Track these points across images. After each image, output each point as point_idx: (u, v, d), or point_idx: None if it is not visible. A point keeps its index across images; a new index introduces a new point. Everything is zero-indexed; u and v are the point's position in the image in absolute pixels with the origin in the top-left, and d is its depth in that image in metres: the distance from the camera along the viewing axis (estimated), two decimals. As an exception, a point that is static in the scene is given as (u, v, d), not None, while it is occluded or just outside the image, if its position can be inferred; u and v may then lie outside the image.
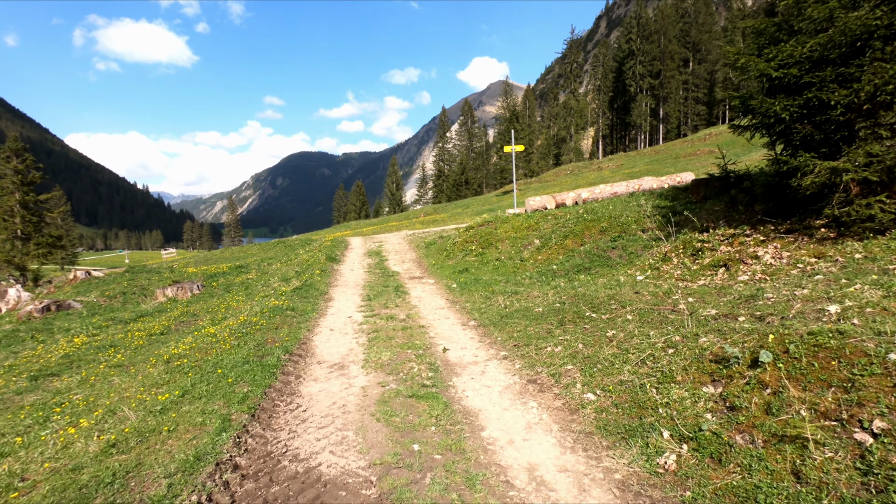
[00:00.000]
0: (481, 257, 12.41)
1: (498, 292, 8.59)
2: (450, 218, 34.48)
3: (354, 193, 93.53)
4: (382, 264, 13.84)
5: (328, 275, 11.96)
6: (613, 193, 14.91)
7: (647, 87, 73.84)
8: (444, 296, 9.22)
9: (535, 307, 7.09)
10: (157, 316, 11.78)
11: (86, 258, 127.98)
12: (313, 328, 6.87)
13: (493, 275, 10.80)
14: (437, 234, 18.58)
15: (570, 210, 13.30)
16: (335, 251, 16.66)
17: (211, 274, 17.92)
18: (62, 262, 78.40)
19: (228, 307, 11.17)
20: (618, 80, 79.60)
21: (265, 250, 25.89)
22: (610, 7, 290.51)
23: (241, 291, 13.27)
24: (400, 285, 10.37)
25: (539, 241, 12.03)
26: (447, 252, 13.83)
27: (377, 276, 11.92)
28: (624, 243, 9.67)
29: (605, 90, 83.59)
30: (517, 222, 13.59)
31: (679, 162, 42.70)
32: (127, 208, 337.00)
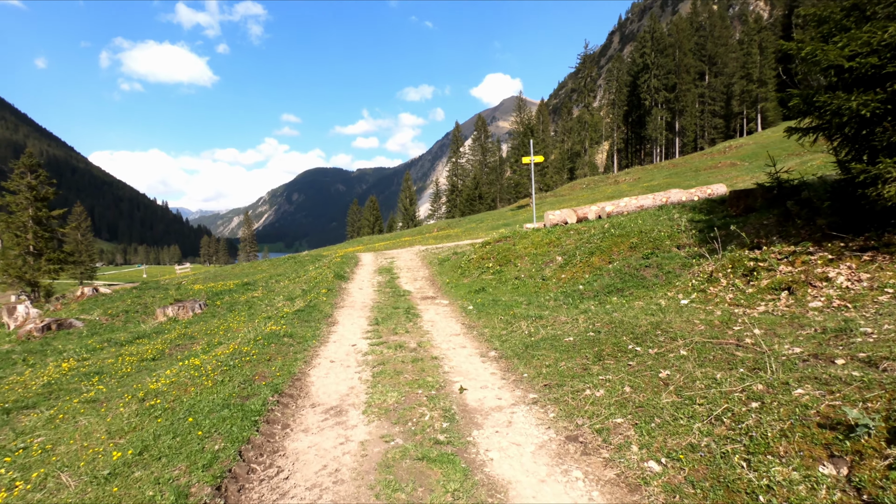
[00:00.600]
0: (499, 275, 11.51)
1: (520, 316, 7.67)
2: (464, 233, 33.69)
3: (368, 209, 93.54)
4: (393, 283, 13.01)
5: (335, 294, 11.17)
6: (640, 207, 13.95)
7: (662, 101, 72.95)
8: (460, 319, 8.33)
9: (565, 335, 6.16)
10: (154, 338, 11.08)
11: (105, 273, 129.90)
12: (311, 359, 6.02)
13: (512, 295, 9.88)
14: (451, 250, 17.74)
15: (595, 224, 12.37)
16: (344, 268, 15.91)
17: (217, 291, 17.30)
18: (81, 276, 79.63)
19: (228, 329, 10.43)
20: (632, 93, 78.92)
21: (275, 266, 25.29)
22: (623, 22, 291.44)
23: (244, 311, 12.54)
24: (411, 307, 9.51)
25: (562, 258, 11.10)
26: (462, 269, 12.96)
27: (387, 295, 11.08)
28: (659, 261, 8.71)
29: (619, 104, 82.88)
30: (537, 238, 12.69)
31: (700, 175, 41.51)
32: (147, 224, 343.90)
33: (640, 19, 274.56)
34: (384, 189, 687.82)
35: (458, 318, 8.40)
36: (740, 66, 70.26)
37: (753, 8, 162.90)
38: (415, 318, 8.47)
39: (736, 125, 74.15)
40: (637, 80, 76.30)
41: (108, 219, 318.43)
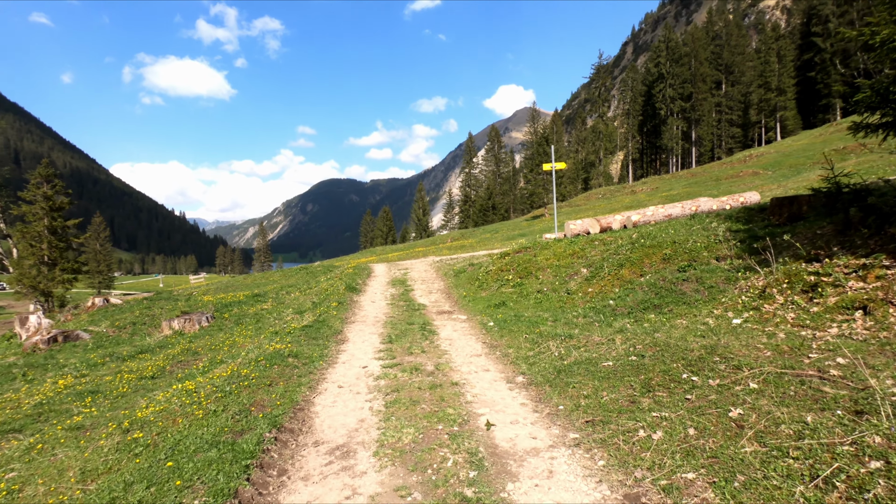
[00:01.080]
0: (520, 289, 10.80)
1: (547, 335, 6.96)
2: (478, 243, 33.02)
3: (381, 219, 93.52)
4: (407, 295, 12.38)
5: (346, 308, 10.56)
6: (668, 216, 13.16)
7: (677, 110, 71.88)
8: (480, 337, 7.64)
9: (602, 359, 5.44)
10: (157, 353, 10.58)
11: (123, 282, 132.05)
12: (317, 384, 5.39)
13: (535, 310, 9.16)
14: (467, 262, 17.09)
15: (621, 235, 11.62)
16: (356, 279, 15.34)
17: (226, 303, 16.85)
18: (99, 286, 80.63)
19: (233, 344, 9.88)
20: (647, 103, 77.98)
21: (287, 277, 24.89)
22: (636, 33, 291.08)
23: (252, 325, 12.01)
24: (427, 322, 8.85)
25: (587, 270, 10.36)
26: (480, 282, 12.28)
27: (401, 309, 10.44)
28: (698, 274, 7.93)
29: (634, 114, 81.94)
30: (559, 248, 11.97)
31: (721, 184, 40.40)
32: (164, 234, 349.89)
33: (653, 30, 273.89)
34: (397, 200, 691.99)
35: (478, 336, 7.71)
36: (757, 74, 69.01)
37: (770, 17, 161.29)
38: (431, 335, 7.81)
39: (753, 134, 72.67)
40: (652, 89, 75.37)
41: (127, 229, 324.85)
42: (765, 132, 70.75)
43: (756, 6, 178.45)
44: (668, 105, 72.26)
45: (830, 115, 63.29)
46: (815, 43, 63.85)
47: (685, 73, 70.89)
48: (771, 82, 66.12)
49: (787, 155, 46.91)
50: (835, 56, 61.12)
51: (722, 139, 74.16)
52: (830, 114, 63.44)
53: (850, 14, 59.74)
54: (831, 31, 61.22)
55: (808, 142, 50.92)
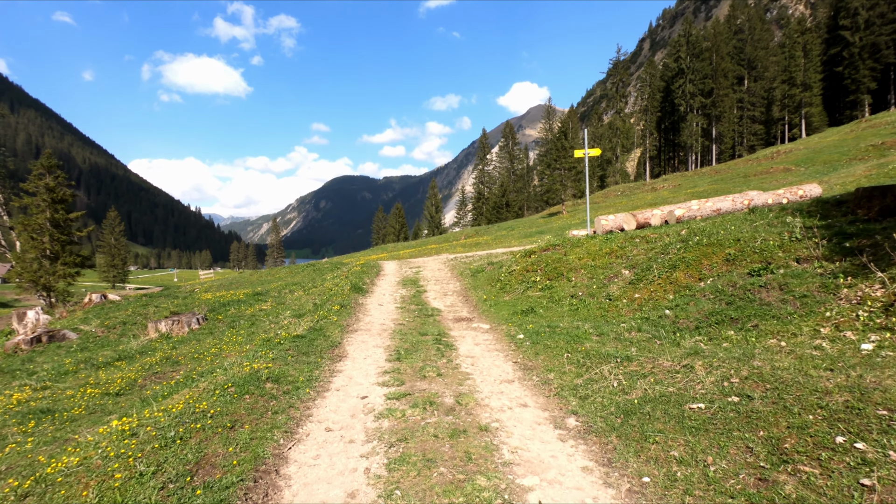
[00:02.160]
0: (549, 292, 9.31)
1: (596, 355, 5.48)
2: (494, 241, 31.48)
3: (394, 216, 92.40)
4: (419, 298, 10.96)
5: (348, 312, 9.17)
6: (716, 210, 11.54)
7: (697, 107, 69.34)
8: (510, 354, 6.19)
9: (686, 397, 3.95)
10: (136, 360, 9.33)
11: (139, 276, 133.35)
12: (298, 425, 3.99)
13: (572, 320, 7.68)
14: (484, 260, 15.62)
15: (666, 231, 10.05)
16: (364, 279, 13.97)
17: (224, 302, 15.63)
18: (113, 280, 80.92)
19: (218, 353, 8.57)
20: (666, 99, 75.49)
21: (293, 274, 23.65)
22: (653, 29, 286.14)
23: (245, 328, 10.71)
24: (442, 332, 7.42)
25: (630, 271, 8.83)
26: (502, 283, 10.81)
27: (412, 315, 9.02)
28: (779, 280, 6.38)
29: (652, 110, 79.46)
30: (593, 246, 10.44)
31: (750, 181, 38.34)
32: (180, 229, 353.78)
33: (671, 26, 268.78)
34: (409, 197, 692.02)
35: (506, 353, 6.26)
36: (781, 69, 66.12)
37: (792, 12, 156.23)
38: (448, 350, 6.37)
39: (776, 131, 69.86)
40: (671, 85, 72.88)
41: (144, 224, 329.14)
42: (788, 129, 67.93)
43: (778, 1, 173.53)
44: (687, 101, 69.76)
45: (858, 111, 60.42)
46: (842, 37, 60.94)
47: (706, 69, 68.32)
48: (796, 77, 63.24)
49: (818, 151, 44.63)
50: (863, 50, 58.21)
51: (743, 136, 71.53)
52: (858, 110, 60.57)
53: (881, 6, 56.81)
54: (860, 24, 58.32)
55: (838, 138, 48.49)
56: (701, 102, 69.18)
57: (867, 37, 57.85)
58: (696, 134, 69.87)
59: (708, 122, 70.43)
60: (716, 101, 68.58)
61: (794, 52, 63.94)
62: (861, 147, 39.94)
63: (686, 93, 69.30)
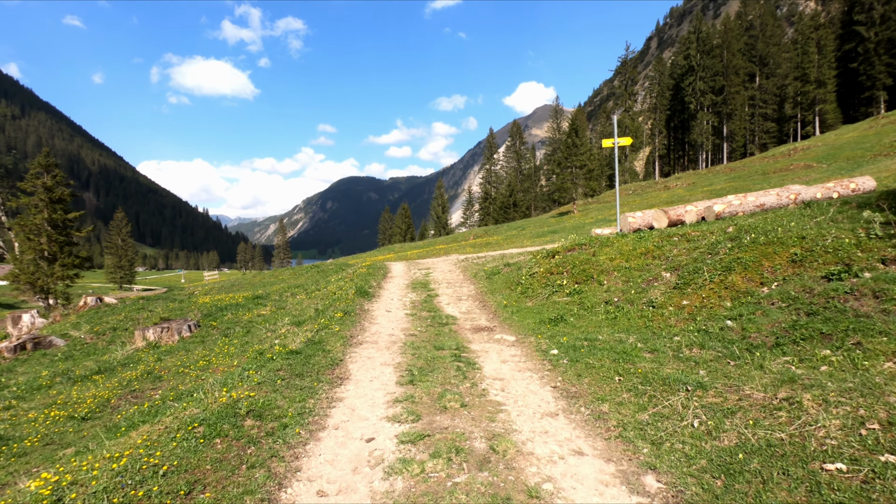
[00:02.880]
0: (579, 297, 8.23)
1: (655, 379, 4.41)
2: (504, 241, 30.37)
3: (400, 216, 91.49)
4: (431, 303, 9.92)
5: (352, 321, 8.14)
6: (759, 206, 10.40)
7: (708, 104, 67.80)
8: (545, 375, 5.12)
9: (810, 450, 2.89)
10: (117, 373, 8.36)
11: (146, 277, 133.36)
12: (280, 487, 2.96)
13: (611, 330, 6.60)
14: (500, 261, 14.56)
15: (708, 229, 8.94)
16: (370, 281, 12.95)
17: (222, 306, 14.69)
18: (120, 281, 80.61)
19: (208, 365, 7.59)
20: (675, 97, 73.93)
21: (296, 276, 22.73)
22: (661, 28, 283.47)
23: (239, 337, 9.72)
24: (461, 346, 6.36)
25: (672, 274, 7.74)
26: (523, 287, 9.73)
27: (424, 324, 7.97)
28: (871, 285, 5.27)
29: (661, 108, 77.92)
30: (625, 246, 9.34)
31: (770, 178, 36.99)
32: (188, 230, 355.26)
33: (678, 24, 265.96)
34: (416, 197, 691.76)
35: (540, 373, 5.19)
36: (794, 66, 64.36)
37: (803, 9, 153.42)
38: (470, 369, 5.32)
39: (788, 129, 68.15)
40: (681, 83, 71.35)
41: (152, 225, 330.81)
42: (801, 127, 66.20)
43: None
44: (697, 99, 68.26)
45: (874, 108, 58.65)
46: (857, 32, 59.20)
47: (717, 66, 66.78)
48: (810, 74, 61.47)
49: (838, 148, 43.19)
50: (879, 46, 56.46)
51: (755, 134, 69.96)
52: (874, 107, 58.79)
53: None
54: (876, 19, 56.59)
55: (857, 134, 46.97)
56: (711, 100, 67.74)
57: (883, 32, 56.15)
58: (707, 132, 68.32)
59: (719, 121, 68.83)
60: (727, 98, 67.10)
61: (808, 48, 62.19)
62: (885, 143, 38.52)
63: (696, 90, 67.80)
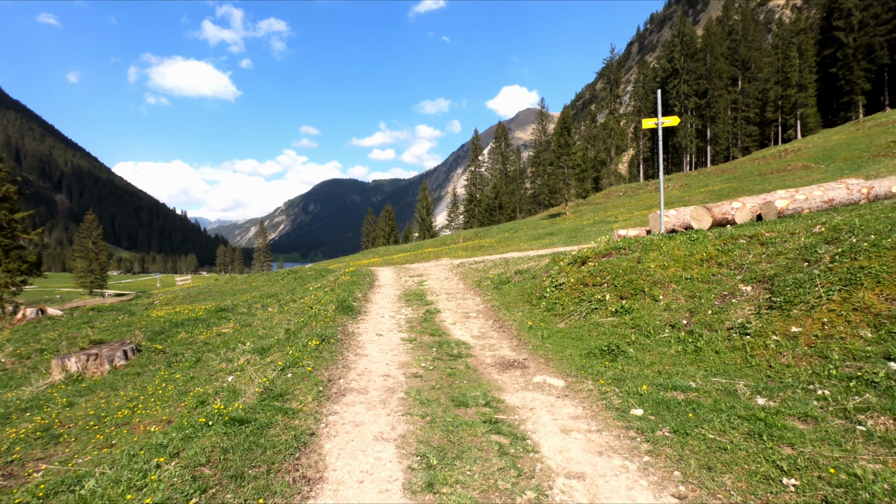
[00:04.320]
0: (630, 318, 6.28)
1: (849, 485, 2.50)
2: (498, 244, 28.44)
3: (384, 218, 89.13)
4: (432, 322, 7.86)
5: (332, 353, 6.01)
6: (829, 201, 8.65)
7: (692, 107, 67.55)
8: (648, 465, 3.13)
9: None
10: (7, 422, 6.10)
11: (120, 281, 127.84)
12: None
13: (699, 370, 4.66)
14: (504, 267, 12.57)
15: (787, 228, 7.08)
16: (354, 292, 10.82)
17: (180, 321, 12.39)
18: (91, 285, 76.38)
19: (131, 416, 5.44)
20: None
21: (270, 282, 20.39)
22: (641, 33, 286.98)
23: (185, 368, 7.54)
24: (491, 399, 4.33)
25: (755, 287, 5.85)
26: (548, 302, 7.75)
27: (429, 356, 5.92)
28: None
29: (645, 111, 77.53)
30: (676, 250, 7.43)
31: (769, 178, 35.99)
32: (165, 233, 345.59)
33: (659, 29, 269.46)
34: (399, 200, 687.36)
35: (637, 460, 3.20)
36: (775, 70, 64.47)
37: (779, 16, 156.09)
38: (520, 450, 3.29)
39: (770, 133, 68.25)
40: (665, 85, 71.15)
41: (128, 228, 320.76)
42: (782, 131, 66.32)
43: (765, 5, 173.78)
44: (682, 102, 68.17)
45: (853, 112, 59.00)
46: (836, 38, 59.46)
47: (700, 69, 66.78)
48: (791, 78, 61.48)
49: (830, 149, 42.70)
50: (858, 51, 56.70)
51: (738, 138, 70.09)
52: (852, 111, 59.16)
53: (875, 7, 55.27)
54: (854, 25, 56.83)
55: (845, 137, 46.65)
56: (695, 103, 67.63)
57: (861, 38, 56.44)
58: (691, 135, 68.02)
59: (703, 124, 68.58)
60: (710, 101, 67.05)
61: (790, 53, 62.20)
62: (880, 144, 38.08)
63: (681, 93, 67.60)
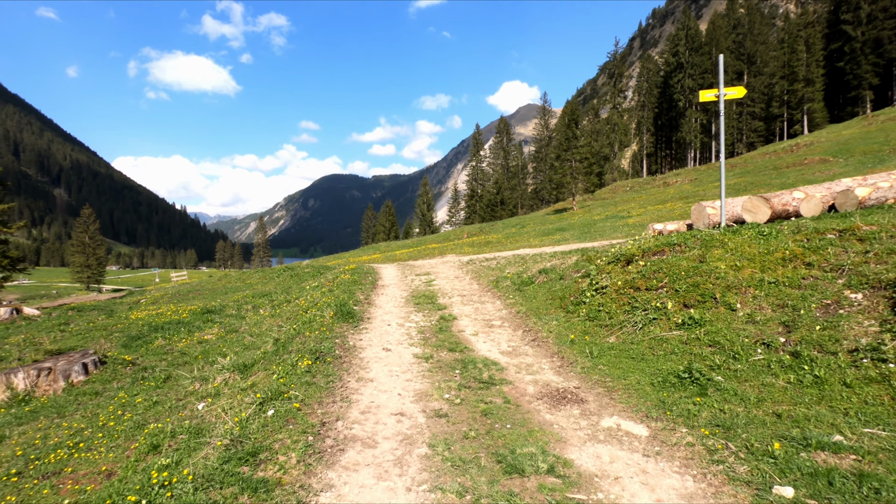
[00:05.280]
0: (702, 332, 4.98)
1: None
2: (506, 239, 27.06)
3: (384, 214, 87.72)
4: (449, 332, 6.56)
5: (328, 378, 4.69)
6: (916, 190, 7.35)
7: (697, 102, 66.07)
8: None
9: None
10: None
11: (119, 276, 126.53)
12: None
13: (835, 415, 3.37)
14: (521, 265, 11.24)
15: (892, 220, 5.78)
16: (355, 294, 9.51)
17: (160, 324, 11.09)
18: (87, 280, 75.06)
19: (67, 460, 4.16)
20: (663, 95, 72.33)
21: (265, 280, 19.08)
22: (643, 29, 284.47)
23: (152, 388, 6.25)
24: (551, 458, 3.04)
25: (871, 296, 4.55)
26: (589, 309, 6.43)
27: (452, 382, 4.61)
28: None
29: (649, 106, 76.08)
30: (747, 246, 6.11)
31: (785, 172, 34.56)
32: (164, 228, 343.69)
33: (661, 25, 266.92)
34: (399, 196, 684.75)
35: None
36: (781, 65, 63.04)
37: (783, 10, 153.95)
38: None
39: (775, 128, 66.87)
40: (669, 80, 69.85)
41: (126, 223, 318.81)
42: (788, 126, 65.00)
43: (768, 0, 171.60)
44: (686, 96, 66.90)
45: (860, 107, 57.61)
46: (844, 31, 57.99)
47: (705, 63, 65.48)
48: (798, 72, 60.07)
49: (844, 144, 41.36)
50: (865, 45, 55.22)
51: (743, 133, 68.81)
52: (860, 106, 57.75)
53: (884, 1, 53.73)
54: (862, 18, 55.30)
55: (858, 131, 45.28)
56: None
57: (869, 31, 55.00)
58: (696, 130, 66.71)
59: (707, 119, 67.24)
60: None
61: (797, 47, 60.78)
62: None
63: (685, 88, 66.30)
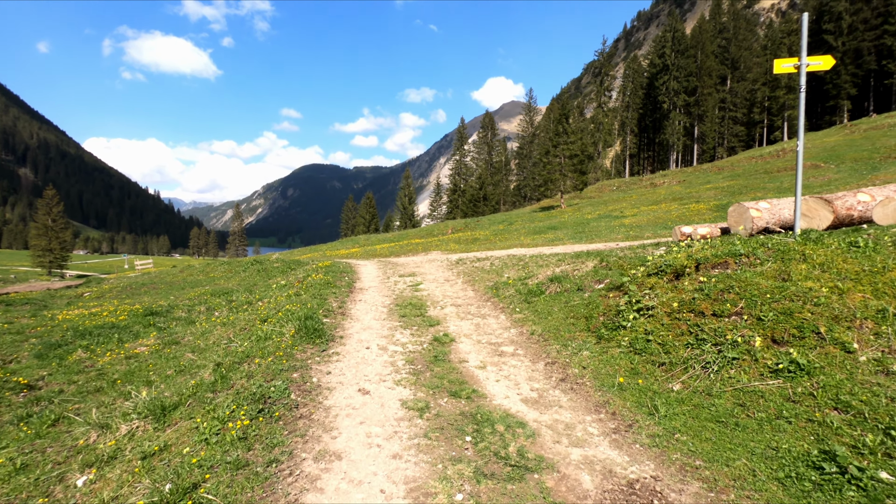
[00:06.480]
0: (813, 383, 3.52)
1: None
2: (494, 237, 25.50)
3: (364, 206, 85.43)
4: (448, 363, 4.97)
5: (268, 455, 3.07)
6: None
7: (681, 104, 66.20)
8: None
9: None
10: None
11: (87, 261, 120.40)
12: None
13: None
14: (522, 269, 9.70)
15: None
16: (327, 299, 7.81)
17: (90, 328, 9.17)
18: (49, 265, 70.72)
19: None
20: (648, 96, 72.31)
21: (229, 274, 17.13)
22: (628, 31, 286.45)
23: (32, 436, 4.52)
24: None
25: None
26: (632, 336, 4.90)
27: (463, 462, 3.04)
28: None
29: (633, 107, 75.90)
30: (841, 260, 4.66)
31: (778, 177, 33.94)
32: (137, 213, 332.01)
33: (646, 27, 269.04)
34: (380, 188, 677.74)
35: None
36: (764, 71, 63.57)
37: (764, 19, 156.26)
38: None
39: (756, 133, 67.58)
40: (655, 81, 69.80)
41: (97, 206, 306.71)
42: (768, 132, 65.65)
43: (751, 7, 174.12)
44: (671, 98, 66.91)
45: (837, 116, 58.51)
46: (825, 41, 58.51)
47: (691, 66, 65.56)
48: (780, 79, 60.65)
49: (831, 150, 41.16)
50: (846, 56, 55.87)
51: (724, 137, 69.43)
52: (837, 115, 58.68)
53: (865, 12, 54.33)
54: (843, 28, 55.83)
55: (841, 139, 45.36)
56: (684, 100, 66.53)
57: (850, 42, 55.66)
58: (679, 132, 66.80)
59: (691, 121, 67.34)
60: (699, 99, 66.13)
61: (780, 54, 61.19)
62: (889, 146, 36.78)
63: (670, 90, 66.28)
